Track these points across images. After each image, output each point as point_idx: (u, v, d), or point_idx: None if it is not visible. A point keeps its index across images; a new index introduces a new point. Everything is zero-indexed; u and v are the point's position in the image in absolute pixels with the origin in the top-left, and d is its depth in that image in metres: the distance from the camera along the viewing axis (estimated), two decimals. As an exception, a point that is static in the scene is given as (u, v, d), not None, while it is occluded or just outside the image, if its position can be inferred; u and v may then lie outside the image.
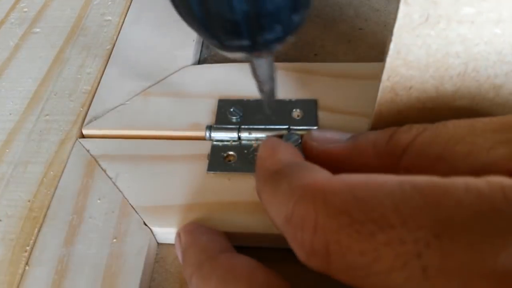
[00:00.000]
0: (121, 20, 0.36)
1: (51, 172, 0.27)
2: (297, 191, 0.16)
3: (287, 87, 0.29)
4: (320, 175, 0.16)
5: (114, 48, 0.34)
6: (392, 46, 0.17)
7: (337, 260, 0.14)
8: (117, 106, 0.30)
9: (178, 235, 0.23)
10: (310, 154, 0.22)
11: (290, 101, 0.28)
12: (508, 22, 0.16)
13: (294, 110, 0.27)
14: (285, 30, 0.17)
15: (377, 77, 0.20)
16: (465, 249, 0.12)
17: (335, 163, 0.21)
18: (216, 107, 0.28)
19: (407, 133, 0.18)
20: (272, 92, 0.22)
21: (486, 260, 0.11)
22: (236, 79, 0.30)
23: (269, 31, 0.17)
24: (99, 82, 0.31)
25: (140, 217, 0.24)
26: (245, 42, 0.18)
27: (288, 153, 0.20)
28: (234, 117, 0.27)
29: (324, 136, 0.22)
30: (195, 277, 0.19)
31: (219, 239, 0.22)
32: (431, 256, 0.12)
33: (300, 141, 0.25)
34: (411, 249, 0.12)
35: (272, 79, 0.21)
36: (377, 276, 0.13)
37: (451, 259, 0.12)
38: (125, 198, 0.25)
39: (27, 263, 0.23)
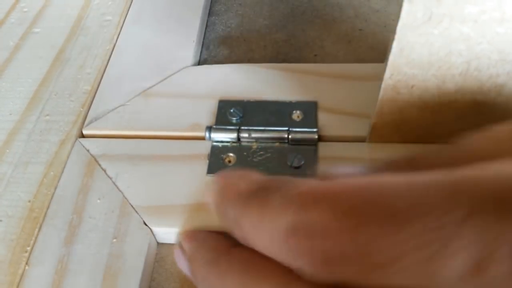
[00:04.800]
0: (121, 20, 0.36)
1: (51, 173, 0.27)
2: (295, 200, 0.14)
3: (286, 88, 0.29)
4: (315, 182, 0.15)
5: (114, 49, 0.34)
6: (395, 44, 0.17)
7: (356, 263, 0.13)
8: (117, 107, 0.30)
9: (180, 245, 0.22)
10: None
11: (290, 103, 0.28)
12: (511, 21, 0.16)
13: (294, 111, 0.27)
14: None
15: (378, 78, 0.20)
16: None
17: None
18: (216, 108, 0.28)
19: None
20: None
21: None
22: (236, 80, 0.30)
23: None
24: (99, 82, 0.31)
25: (140, 217, 0.24)
26: None
27: (257, 175, 0.18)
28: (234, 118, 0.27)
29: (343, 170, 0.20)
30: (211, 276, 0.19)
31: (226, 236, 0.22)
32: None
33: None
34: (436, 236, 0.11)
35: None
36: (401, 273, 0.12)
37: None
38: (125, 198, 0.25)
39: (27, 263, 0.23)
